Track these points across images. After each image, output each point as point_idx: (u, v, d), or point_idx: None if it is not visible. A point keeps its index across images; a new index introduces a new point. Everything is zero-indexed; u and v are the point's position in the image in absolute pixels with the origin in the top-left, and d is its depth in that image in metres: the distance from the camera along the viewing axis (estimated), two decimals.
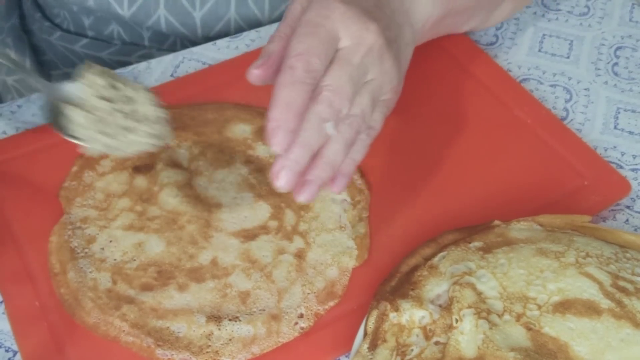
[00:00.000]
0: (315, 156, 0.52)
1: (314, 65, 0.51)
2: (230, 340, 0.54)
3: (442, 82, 0.72)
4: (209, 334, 0.54)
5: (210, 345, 0.54)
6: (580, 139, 0.67)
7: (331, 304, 0.56)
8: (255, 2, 0.83)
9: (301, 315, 0.55)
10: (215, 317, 0.55)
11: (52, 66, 0.93)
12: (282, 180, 0.50)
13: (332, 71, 0.52)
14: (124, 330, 0.54)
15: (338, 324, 0.55)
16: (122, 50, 0.87)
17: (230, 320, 0.55)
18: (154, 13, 0.82)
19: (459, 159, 0.66)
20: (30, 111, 0.71)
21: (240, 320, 0.55)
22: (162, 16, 0.82)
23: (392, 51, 0.56)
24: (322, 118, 0.51)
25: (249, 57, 0.75)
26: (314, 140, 0.51)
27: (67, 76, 0.86)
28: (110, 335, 0.54)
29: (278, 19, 0.83)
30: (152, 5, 0.81)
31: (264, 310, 0.55)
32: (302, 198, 0.52)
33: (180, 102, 0.69)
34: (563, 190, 0.63)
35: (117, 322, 0.55)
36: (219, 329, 0.54)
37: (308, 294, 0.57)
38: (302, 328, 0.55)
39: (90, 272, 0.58)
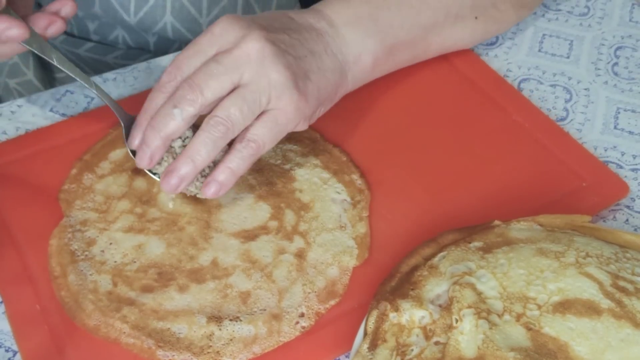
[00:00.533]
0: None
1: (174, 75, 0.57)
2: (231, 340, 0.54)
3: (441, 87, 0.73)
4: (210, 335, 0.54)
5: (211, 346, 0.54)
6: (578, 142, 0.67)
7: (332, 303, 0.56)
8: (262, 9, 0.83)
9: (302, 315, 0.55)
10: (216, 318, 0.55)
11: (56, 69, 0.93)
12: (138, 158, 0.57)
13: (198, 69, 0.57)
14: (124, 332, 0.54)
15: (339, 322, 0.55)
16: (127, 54, 0.87)
17: (231, 320, 0.55)
18: (160, 19, 0.82)
19: (458, 160, 0.66)
20: (30, 111, 0.71)
21: (241, 320, 0.55)
22: (168, 22, 0.82)
23: (282, 61, 0.57)
24: (172, 104, 0.56)
25: None
26: (161, 123, 0.56)
27: (72, 79, 0.86)
28: (111, 337, 0.54)
29: None
30: (159, 11, 0.81)
31: (265, 310, 0.55)
32: (163, 187, 0.57)
33: None
34: (562, 191, 0.63)
35: (118, 324, 0.55)
36: (220, 329, 0.54)
37: (309, 293, 0.57)
38: (303, 327, 0.55)
39: (90, 274, 0.58)
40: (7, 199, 0.63)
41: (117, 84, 0.74)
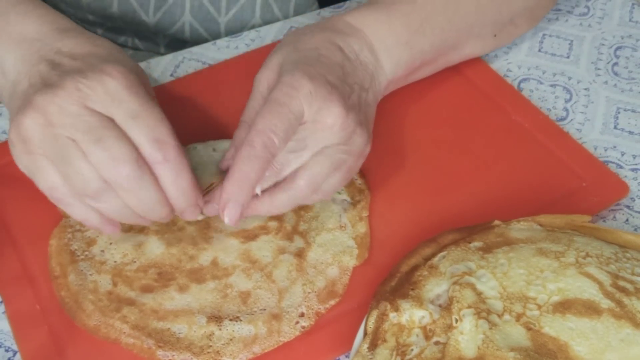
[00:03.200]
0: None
1: (272, 141, 0.52)
2: (231, 340, 0.54)
3: (442, 88, 0.72)
4: (210, 335, 0.54)
5: (211, 346, 0.54)
6: (578, 142, 0.67)
7: (332, 302, 0.56)
8: (280, 7, 0.82)
9: (302, 315, 0.55)
10: (216, 318, 0.55)
11: None
12: (225, 216, 0.53)
13: (280, 147, 0.53)
14: (124, 332, 0.54)
15: (339, 322, 0.55)
16: (134, 56, 0.87)
17: (231, 320, 0.55)
18: (179, 19, 0.82)
19: (458, 161, 0.66)
20: None
21: (241, 320, 0.55)
22: (187, 22, 0.82)
23: (356, 121, 0.56)
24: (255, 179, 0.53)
25: (249, 57, 0.75)
26: (238, 189, 0.53)
27: None
28: (111, 337, 0.54)
29: None
30: (178, 11, 0.81)
31: (265, 309, 0.55)
32: (224, 219, 0.54)
33: (180, 102, 0.69)
34: (562, 191, 0.63)
35: (118, 324, 0.55)
36: (220, 329, 0.54)
37: (309, 293, 0.57)
38: (303, 327, 0.55)
39: (90, 274, 0.58)
40: (7, 199, 0.63)
41: None
